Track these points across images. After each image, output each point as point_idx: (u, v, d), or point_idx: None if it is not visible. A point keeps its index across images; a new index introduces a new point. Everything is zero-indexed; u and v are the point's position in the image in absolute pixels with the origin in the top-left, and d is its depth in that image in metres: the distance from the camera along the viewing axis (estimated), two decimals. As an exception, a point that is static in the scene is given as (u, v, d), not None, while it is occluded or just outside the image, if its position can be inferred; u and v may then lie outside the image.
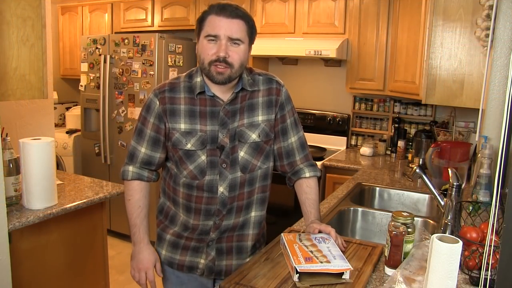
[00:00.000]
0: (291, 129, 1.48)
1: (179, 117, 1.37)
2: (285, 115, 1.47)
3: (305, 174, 1.49)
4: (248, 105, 1.41)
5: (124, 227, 3.79)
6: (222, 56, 1.29)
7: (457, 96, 2.26)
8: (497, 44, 1.90)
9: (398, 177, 2.65)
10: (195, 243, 1.46)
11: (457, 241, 1.00)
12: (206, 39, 1.31)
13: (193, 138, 1.36)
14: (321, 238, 1.37)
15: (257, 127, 1.41)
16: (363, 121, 3.53)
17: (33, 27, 1.98)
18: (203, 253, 1.46)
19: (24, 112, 2.61)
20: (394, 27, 2.98)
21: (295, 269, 1.17)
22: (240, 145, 1.39)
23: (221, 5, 1.31)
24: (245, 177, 1.41)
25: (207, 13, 1.32)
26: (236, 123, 1.39)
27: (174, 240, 1.48)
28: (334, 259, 1.22)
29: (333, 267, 1.18)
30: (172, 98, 1.38)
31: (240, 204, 1.42)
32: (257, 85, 1.43)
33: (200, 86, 1.37)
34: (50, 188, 1.86)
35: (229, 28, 1.29)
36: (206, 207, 1.40)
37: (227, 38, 1.29)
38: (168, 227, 1.50)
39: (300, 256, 1.23)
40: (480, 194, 1.86)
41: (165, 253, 1.51)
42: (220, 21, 1.29)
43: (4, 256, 1.64)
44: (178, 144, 1.37)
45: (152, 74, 3.48)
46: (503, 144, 0.92)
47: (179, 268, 1.49)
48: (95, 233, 2.15)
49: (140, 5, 4.13)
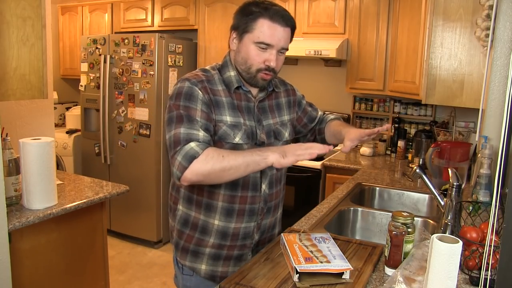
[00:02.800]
0: (313, 112, 1.64)
1: (224, 109, 1.31)
2: (305, 108, 1.62)
3: (330, 116, 1.65)
4: (276, 105, 1.45)
5: (124, 227, 3.80)
6: (273, 67, 1.29)
7: (457, 96, 2.26)
8: (497, 44, 1.90)
9: (398, 177, 2.65)
10: (238, 251, 1.41)
11: (457, 241, 1.00)
12: (257, 46, 1.27)
13: (240, 131, 1.32)
14: (321, 238, 1.37)
15: (286, 126, 1.47)
16: (363, 121, 3.53)
17: (33, 27, 1.98)
18: (247, 261, 1.38)
19: (24, 112, 2.61)
20: (394, 27, 2.98)
21: (295, 269, 1.17)
22: (276, 143, 1.41)
23: (273, 9, 1.26)
24: (278, 175, 1.45)
25: (257, 14, 1.26)
26: (269, 120, 1.41)
27: (215, 252, 1.39)
28: (334, 259, 1.22)
29: (333, 267, 1.18)
30: (212, 89, 1.31)
31: (276, 202, 1.46)
32: (278, 87, 1.49)
33: (236, 81, 1.35)
34: (50, 188, 1.86)
35: (284, 39, 1.28)
36: (250, 207, 1.38)
37: (279, 48, 1.29)
38: (203, 240, 1.38)
39: (300, 256, 1.23)
40: (480, 194, 1.86)
41: (205, 268, 1.40)
42: (276, 30, 1.26)
43: (4, 256, 1.63)
44: (225, 138, 1.30)
45: (152, 74, 3.48)
46: (503, 144, 0.92)
47: (222, 280, 1.37)
48: (95, 233, 2.15)
49: (140, 5, 4.13)
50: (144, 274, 3.24)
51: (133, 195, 3.56)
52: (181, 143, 1.21)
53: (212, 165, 1.17)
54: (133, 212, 3.71)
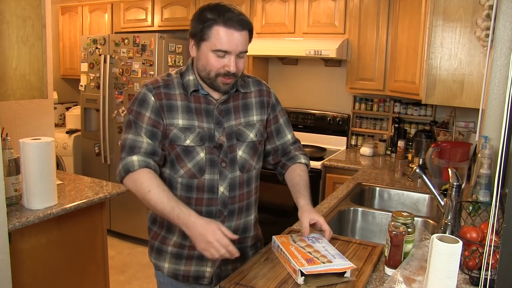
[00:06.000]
0: (285, 128, 1.55)
1: (177, 113, 1.34)
2: (277, 115, 1.53)
3: (301, 159, 1.54)
4: (242, 105, 1.43)
5: (124, 227, 3.80)
6: (232, 72, 1.30)
7: (457, 96, 2.26)
8: (497, 44, 1.90)
9: (398, 177, 2.65)
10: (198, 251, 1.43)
11: (457, 241, 1.00)
12: (215, 53, 1.28)
13: (192, 134, 1.34)
14: (314, 238, 1.36)
15: (254, 126, 1.44)
16: (363, 121, 3.53)
17: (33, 27, 1.98)
18: (208, 261, 1.40)
19: (24, 112, 2.61)
20: (394, 27, 2.98)
21: (299, 272, 1.16)
22: (239, 144, 1.40)
23: (228, 14, 1.26)
24: (243, 177, 1.41)
25: (212, 22, 1.26)
26: (232, 122, 1.40)
27: (176, 251, 1.41)
28: (335, 258, 1.22)
29: (337, 267, 1.18)
30: (168, 94, 1.35)
31: (240, 205, 1.42)
32: (248, 87, 1.47)
33: (194, 85, 1.37)
34: (50, 188, 1.86)
35: (240, 42, 1.28)
36: (207, 209, 1.38)
37: (237, 53, 1.29)
38: (167, 238, 1.43)
39: (301, 257, 1.22)
40: (480, 194, 1.86)
41: (168, 266, 1.43)
42: (232, 36, 1.26)
43: (4, 256, 1.63)
44: (176, 140, 1.33)
45: (152, 74, 3.48)
46: (503, 144, 0.92)
47: (185, 279, 1.42)
48: (95, 233, 2.15)
49: (140, 5, 4.13)
50: (144, 274, 3.24)
51: (133, 195, 3.54)
52: (126, 150, 1.33)
53: (136, 191, 1.31)
54: (133, 212, 3.71)
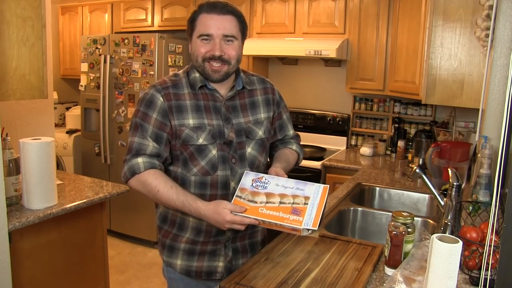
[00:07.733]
0: (288, 124, 1.61)
1: (187, 113, 1.35)
2: (281, 111, 1.58)
3: (292, 146, 1.59)
4: (250, 103, 1.45)
5: (124, 227, 3.80)
6: (217, 55, 1.31)
7: (457, 96, 2.26)
8: (497, 44, 1.89)
9: (398, 177, 2.65)
10: (211, 246, 1.43)
11: (457, 241, 1.00)
12: (200, 39, 1.32)
13: (204, 132, 1.34)
14: (259, 181, 1.29)
15: (262, 124, 1.46)
16: (363, 121, 3.53)
17: (33, 27, 1.98)
18: (221, 256, 1.43)
19: (24, 112, 2.61)
20: (394, 27, 2.98)
21: (307, 230, 1.16)
22: (248, 141, 1.42)
23: (211, 3, 1.31)
24: None
25: (197, 13, 1.33)
26: (240, 119, 1.41)
27: (189, 248, 1.43)
28: (305, 191, 1.25)
29: (319, 199, 1.23)
30: (177, 94, 1.36)
31: None
32: (254, 84, 1.49)
33: (200, 80, 1.38)
34: (50, 188, 1.86)
35: (222, 25, 1.30)
36: None
37: (221, 36, 1.30)
38: (179, 236, 1.44)
39: (286, 215, 1.20)
40: (480, 194, 1.86)
41: (180, 263, 1.44)
42: (212, 19, 1.30)
43: (4, 256, 1.64)
44: (189, 140, 1.34)
45: (152, 74, 3.48)
46: (503, 144, 0.92)
47: (197, 275, 1.44)
48: (95, 233, 2.15)
49: (140, 5, 4.13)
50: (144, 274, 3.24)
51: (133, 195, 3.54)
52: (132, 152, 1.33)
53: (146, 192, 1.32)
54: (133, 212, 3.71)
